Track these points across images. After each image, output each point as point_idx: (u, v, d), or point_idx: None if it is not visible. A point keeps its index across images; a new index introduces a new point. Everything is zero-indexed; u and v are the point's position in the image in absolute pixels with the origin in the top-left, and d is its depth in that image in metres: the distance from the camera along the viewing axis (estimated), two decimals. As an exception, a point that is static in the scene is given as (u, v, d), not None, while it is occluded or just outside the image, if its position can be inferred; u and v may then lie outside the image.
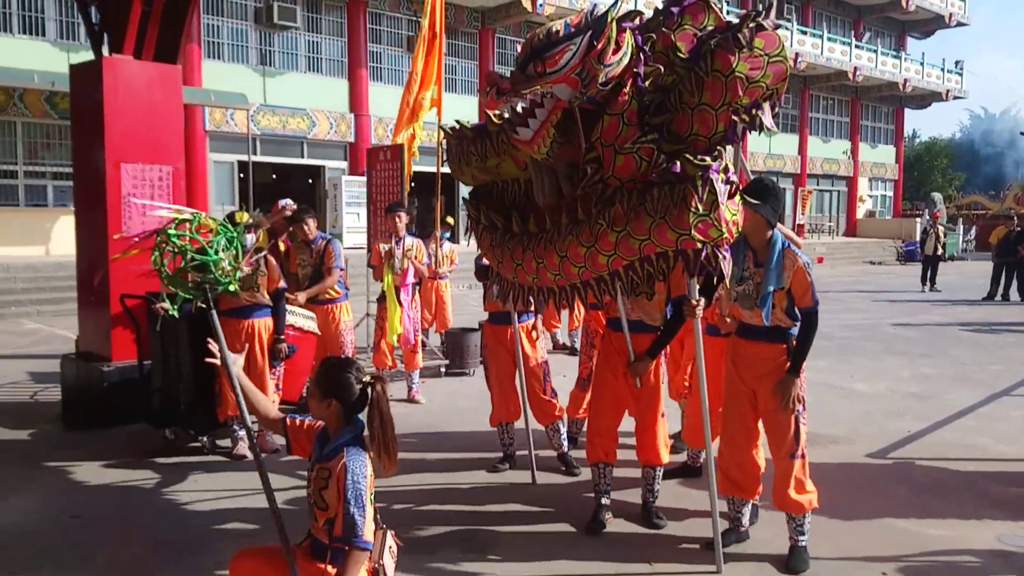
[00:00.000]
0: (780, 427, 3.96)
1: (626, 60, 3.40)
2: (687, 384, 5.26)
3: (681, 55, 3.56)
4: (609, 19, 3.31)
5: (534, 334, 5.43)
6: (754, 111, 3.50)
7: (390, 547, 2.96)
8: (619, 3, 3.36)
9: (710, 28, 3.67)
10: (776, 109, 3.60)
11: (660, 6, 3.81)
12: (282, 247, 6.80)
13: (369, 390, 2.80)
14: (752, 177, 4.48)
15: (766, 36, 3.46)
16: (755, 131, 3.60)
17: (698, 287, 4.02)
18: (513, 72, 3.38)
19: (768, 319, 3.89)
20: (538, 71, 3.29)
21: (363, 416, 2.82)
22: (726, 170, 3.47)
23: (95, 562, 4.00)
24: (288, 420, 3.00)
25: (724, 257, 3.44)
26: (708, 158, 3.34)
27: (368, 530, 2.70)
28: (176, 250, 3.14)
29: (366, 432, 2.81)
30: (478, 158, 4.02)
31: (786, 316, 3.94)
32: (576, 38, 3.29)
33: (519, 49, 3.39)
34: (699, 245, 3.38)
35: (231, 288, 3.28)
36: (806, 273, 3.88)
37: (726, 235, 3.41)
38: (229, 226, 3.31)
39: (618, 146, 3.50)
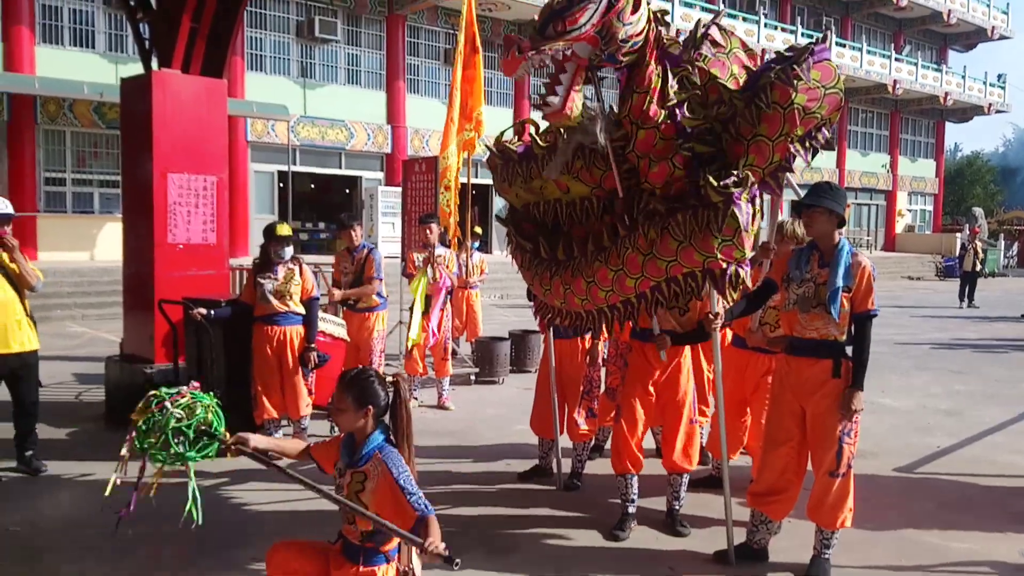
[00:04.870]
0: (824, 444, 3.94)
1: (643, 23, 3.47)
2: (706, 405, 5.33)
3: (734, 89, 3.64)
4: None
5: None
6: (807, 141, 3.60)
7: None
8: None
9: (736, 51, 3.77)
10: (830, 134, 3.71)
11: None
12: None
13: (393, 389, 2.96)
14: (798, 191, 4.56)
15: (823, 68, 3.54)
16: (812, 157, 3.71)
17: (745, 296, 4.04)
18: (531, 35, 3.41)
19: (837, 315, 3.82)
20: (557, 30, 3.34)
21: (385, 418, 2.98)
22: (751, 190, 3.56)
23: (136, 556, 4.17)
24: (312, 448, 3.13)
25: (746, 272, 3.58)
26: (731, 183, 3.44)
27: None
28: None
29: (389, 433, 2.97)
30: (523, 179, 4.16)
31: (840, 327, 3.90)
32: None
33: (536, 17, 3.43)
34: (724, 265, 3.51)
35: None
36: (871, 276, 3.91)
37: (749, 254, 3.56)
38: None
39: (653, 156, 3.58)
